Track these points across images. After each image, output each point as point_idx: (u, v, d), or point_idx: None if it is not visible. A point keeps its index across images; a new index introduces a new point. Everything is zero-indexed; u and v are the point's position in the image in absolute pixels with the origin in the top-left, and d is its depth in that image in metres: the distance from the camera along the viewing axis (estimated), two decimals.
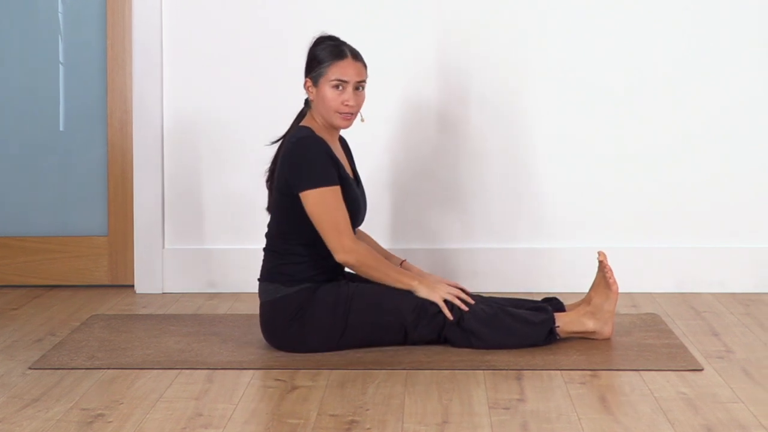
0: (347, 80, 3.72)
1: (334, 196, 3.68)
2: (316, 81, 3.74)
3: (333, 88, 3.72)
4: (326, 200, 3.67)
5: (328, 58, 3.72)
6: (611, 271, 3.83)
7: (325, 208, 3.67)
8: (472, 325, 3.73)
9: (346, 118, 3.74)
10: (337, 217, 3.68)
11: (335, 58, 3.72)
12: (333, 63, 3.72)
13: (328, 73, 3.72)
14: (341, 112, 3.73)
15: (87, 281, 4.80)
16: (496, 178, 4.68)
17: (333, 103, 3.72)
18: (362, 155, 4.33)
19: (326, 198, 3.67)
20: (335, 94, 3.72)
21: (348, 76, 3.72)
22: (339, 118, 3.74)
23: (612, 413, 3.13)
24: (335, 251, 3.68)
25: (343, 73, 3.72)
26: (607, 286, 3.82)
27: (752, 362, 3.64)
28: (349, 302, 3.72)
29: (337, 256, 3.69)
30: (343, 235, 3.68)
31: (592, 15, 4.63)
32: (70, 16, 4.77)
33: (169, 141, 4.69)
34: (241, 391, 3.35)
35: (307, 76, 3.77)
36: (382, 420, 3.08)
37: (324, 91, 3.73)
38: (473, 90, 4.65)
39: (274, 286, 3.74)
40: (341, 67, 3.72)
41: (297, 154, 3.69)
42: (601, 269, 3.84)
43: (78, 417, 3.12)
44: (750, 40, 4.62)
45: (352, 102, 3.73)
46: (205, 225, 4.71)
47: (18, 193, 4.81)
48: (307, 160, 3.68)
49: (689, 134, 4.66)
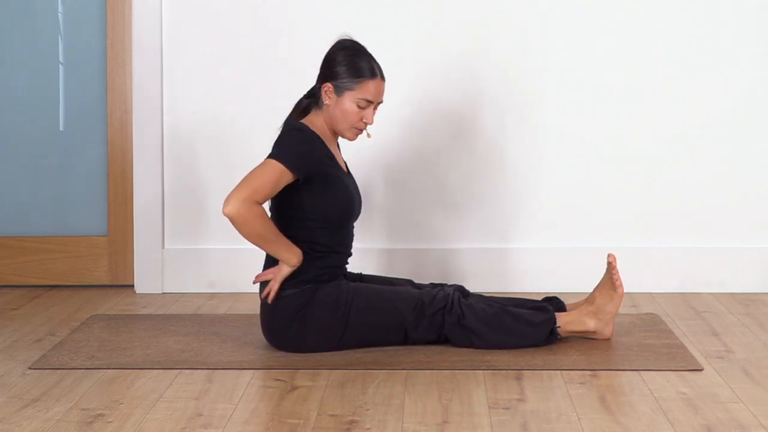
0: (373, 101, 3.72)
1: (276, 171, 3.61)
2: (341, 91, 3.71)
3: (356, 104, 3.71)
4: (266, 168, 3.61)
5: (359, 75, 3.69)
6: (618, 274, 3.83)
7: (262, 171, 3.60)
8: (473, 324, 3.73)
9: (357, 134, 3.76)
10: (256, 179, 3.59)
11: (367, 76, 3.70)
12: (364, 81, 3.69)
13: (357, 89, 3.69)
14: (357, 128, 3.74)
15: (87, 281, 4.80)
16: (496, 178, 4.68)
17: (353, 118, 3.72)
18: (361, 153, 4.35)
19: (269, 167, 3.61)
20: (356, 111, 3.71)
21: (376, 97, 3.72)
22: (352, 133, 3.75)
23: (612, 413, 3.13)
24: (227, 199, 3.57)
25: (373, 94, 3.71)
26: (612, 287, 3.82)
27: (752, 362, 3.64)
28: (350, 302, 3.72)
29: (225, 205, 3.57)
30: (247, 192, 3.57)
31: (593, 15, 4.63)
32: (70, 16, 4.77)
33: (169, 141, 4.69)
34: (241, 391, 3.35)
35: (329, 81, 3.72)
36: (382, 420, 3.09)
37: (345, 105, 3.71)
38: (473, 90, 4.65)
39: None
40: (371, 87, 3.70)
41: (286, 136, 3.71)
42: (609, 270, 3.83)
43: (78, 417, 3.12)
44: (750, 40, 4.62)
45: (371, 121, 3.74)
46: (205, 225, 4.71)
47: (18, 193, 4.81)
48: (288, 142, 3.68)
49: (689, 134, 4.66)
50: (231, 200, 3.57)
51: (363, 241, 4.63)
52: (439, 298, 3.76)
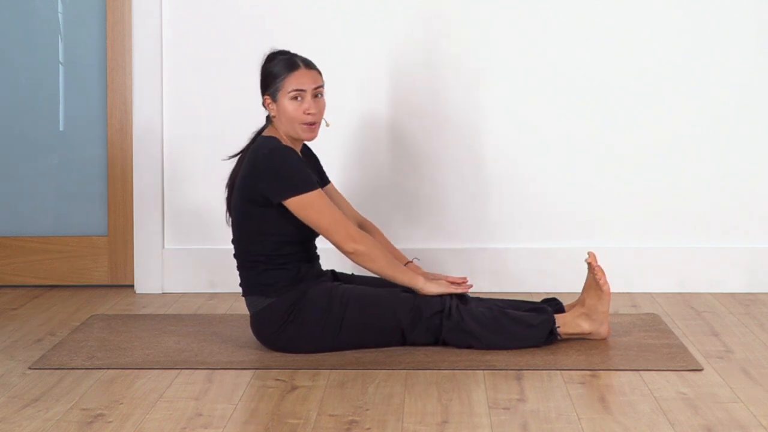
0: (305, 89, 3.73)
1: (321, 196, 3.69)
2: (275, 96, 3.74)
3: (292, 100, 3.72)
4: (316, 202, 3.68)
5: (282, 72, 3.73)
6: (602, 272, 3.82)
7: (318, 208, 3.68)
8: (473, 327, 3.73)
9: (310, 129, 3.75)
10: (334, 213, 3.70)
11: (289, 70, 3.74)
12: (288, 75, 3.73)
13: (285, 85, 3.73)
14: (305, 123, 3.74)
15: (87, 281, 4.80)
16: (497, 178, 4.68)
17: (295, 114, 3.73)
18: (359, 146, 4.35)
19: (315, 200, 3.68)
20: (295, 106, 3.73)
21: (304, 84, 3.73)
22: (303, 130, 3.75)
23: (612, 413, 3.13)
24: (343, 242, 3.68)
25: (300, 82, 3.73)
26: (598, 287, 3.82)
27: (752, 362, 3.64)
28: (344, 305, 3.71)
29: (345, 246, 3.68)
30: (347, 226, 3.70)
31: (592, 15, 4.63)
32: (70, 16, 4.77)
33: (169, 141, 4.69)
34: (241, 391, 3.35)
35: (265, 93, 3.78)
36: (382, 420, 3.09)
37: (284, 105, 3.73)
38: (473, 89, 4.65)
39: (258, 298, 3.75)
40: (296, 77, 3.73)
41: (274, 165, 3.68)
42: (590, 271, 3.84)
43: (78, 417, 3.12)
44: (747, 41, 4.62)
45: (313, 109, 3.74)
46: (205, 225, 4.71)
47: (18, 193, 4.81)
48: (285, 169, 3.68)
49: (690, 134, 4.66)
50: (347, 241, 3.68)
51: None
52: (435, 301, 3.75)
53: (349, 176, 4.67)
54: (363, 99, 4.60)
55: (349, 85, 4.63)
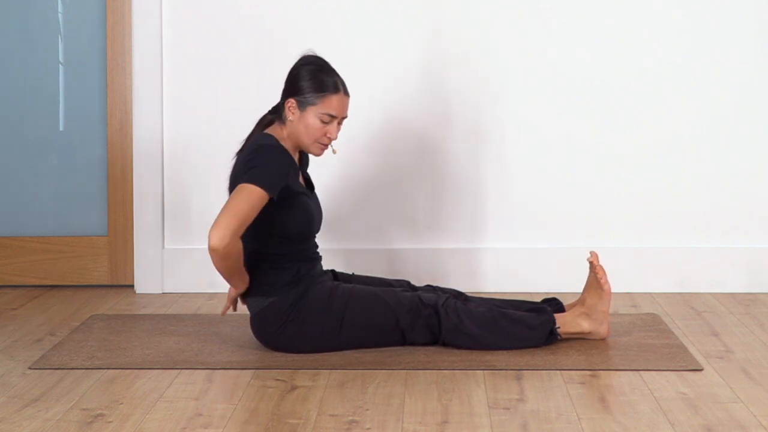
0: (336, 116, 3.71)
1: (258, 198, 3.57)
2: (303, 106, 3.70)
3: (319, 119, 3.70)
4: (249, 196, 3.56)
5: (322, 90, 3.69)
6: (603, 272, 3.82)
7: (242, 199, 3.55)
8: (472, 329, 3.72)
9: (322, 149, 3.74)
10: (242, 210, 3.54)
11: (330, 91, 3.69)
12: (326, 96, 3.68)
13: (319, 104, 3.68)
14: (321, 143, 3.73)
15: (87, 281, 4.80)
16: (497, 178, 4.68)
17: (317, 133, 3.70)
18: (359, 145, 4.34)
19: (251, 195, 3.56)
20: (320, 126, 3.70)
21: (339, 112, 3.71)
22: (317, 148, 3.73)
23: (612, 413, 3.13)
24: (214, 228, 3.53)
25: (335, 108, 3.70)
26: (599, 286, 3.82)
27: (752, 362, 3.64)
28: (344, 305, 3.71)
29: (211, 234, 3.53)
30: (235, 226, 3.53)
31: (592, 15, 4.63)
32: (70, 16, 4.77)
33: (169, 141, 4.69)
34: (241, 391, 3.35)
35: (292, 96, 3.71)
36: (382, 420, 3.09)
37: (308, 120, 3.70)
38: (473, 89, 4.65)
39: (258, 298, 3.74)
40: (334, 101, 3.69)
41: (257, 156, 3.63)
42: (591, 270, 3.84)
43: (78, 417, 3.12)
44: (747, 41, 4.62)
45: (335, 136, 3.73)
46: (205, 225, 4.70)
47: (18, 193, 4.81)
48: (263, 163, 3.61)
49: (690, 134, 4.66)
50: (220, 232, 3.52)
51: (365, 242, 4.63)
52: (431, 297, 3.75)
53: (349, 175, 4.67)
54: (363, 99, 4.60)
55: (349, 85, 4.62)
